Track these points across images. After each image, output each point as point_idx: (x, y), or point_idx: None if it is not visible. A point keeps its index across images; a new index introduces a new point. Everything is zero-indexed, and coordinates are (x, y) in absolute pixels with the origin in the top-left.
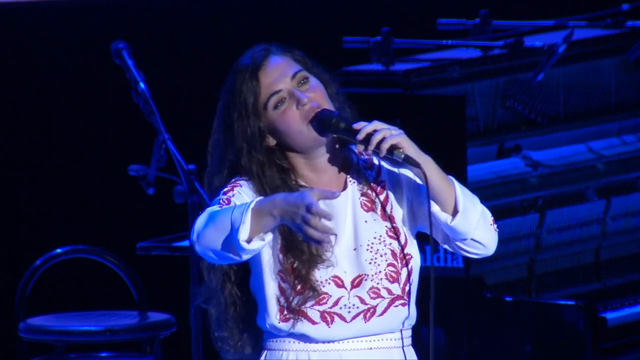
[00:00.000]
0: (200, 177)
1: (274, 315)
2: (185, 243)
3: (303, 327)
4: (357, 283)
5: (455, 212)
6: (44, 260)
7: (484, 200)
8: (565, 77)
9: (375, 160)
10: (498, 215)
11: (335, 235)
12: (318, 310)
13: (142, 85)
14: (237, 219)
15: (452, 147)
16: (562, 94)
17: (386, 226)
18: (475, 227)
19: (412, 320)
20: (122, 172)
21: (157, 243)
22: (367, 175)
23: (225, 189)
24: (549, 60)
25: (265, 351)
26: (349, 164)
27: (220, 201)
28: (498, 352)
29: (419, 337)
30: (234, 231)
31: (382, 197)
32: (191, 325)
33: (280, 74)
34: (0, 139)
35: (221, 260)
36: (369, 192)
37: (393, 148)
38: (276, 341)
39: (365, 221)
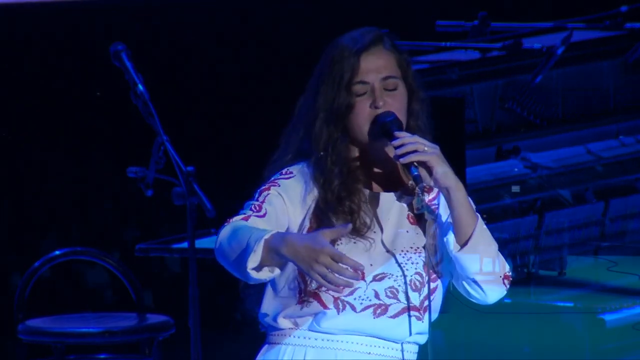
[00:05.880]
0: (199, 178)
1: (288, 299)
2: (184, 245)
3: (313, 309)
4: (378, 278)
5: (464, 246)
6: (43, 262)
7: (482, 202)
8: (564, 79)
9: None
10: (497, 217)
11: (361, 275)
12: (332, 296)
13: (140, 87)
14: (251, 246)
15: (451, 149)
16: (561, 95)
17: (427, 241)
18: (479, 269)
19: (422, 337)
20: (120, 174)
21: (156, 245)
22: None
23: (263, 187)
24: (547, 62)
25: (266, 345)
26: (406, 174)
27: (252, 206)
28: (497, 354)
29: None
30: (244, 257)
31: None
32: (190, 326)
33: (377, 67)
34: (0, 141)
35: (234, 274)
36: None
37: (411, 164)
38: (277, 334)
39: (407, 231)
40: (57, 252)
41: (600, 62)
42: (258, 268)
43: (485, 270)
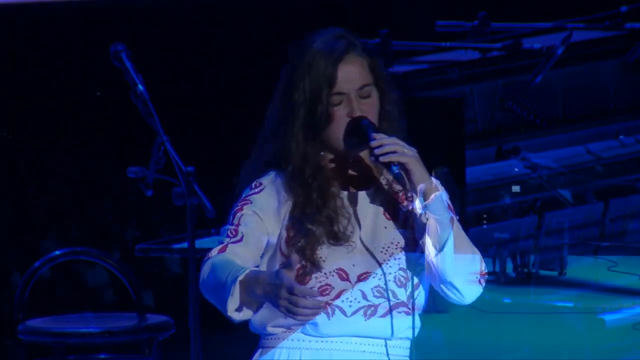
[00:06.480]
0: (199, 179)
1: (276, 309)
2: (184, 245)
3: None
4: (363, 278)
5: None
6: (43, 262)
7: (482, 202)
8: (564, 79)
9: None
10: (497, 217)
11: (324, 306)
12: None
13: (140, 87)
14: (228, 288)
15: (451, 149)
16: (561, 96)
17: (407, 237)
18: (455, 273)
19: (414, 331)
20: (120, 174)
21: (156, 245)
22: (397, 188)
23: (236, 208)
24: (547, 62)
25: (260, 349)
26: (379, 172)
27: (229, 232)
28: (497, 354)
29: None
30: (224, 300)
31: (407, 208)
32: (190, 327)
33: (353, 78)
34: (0, 141)
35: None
36: (395, 203)
37: (391, 163)
38: (270, 339)
39: (385, 227)
40: (57, 252)
41: (600, 62)
42: (239, 308)
43: (462, 274)
